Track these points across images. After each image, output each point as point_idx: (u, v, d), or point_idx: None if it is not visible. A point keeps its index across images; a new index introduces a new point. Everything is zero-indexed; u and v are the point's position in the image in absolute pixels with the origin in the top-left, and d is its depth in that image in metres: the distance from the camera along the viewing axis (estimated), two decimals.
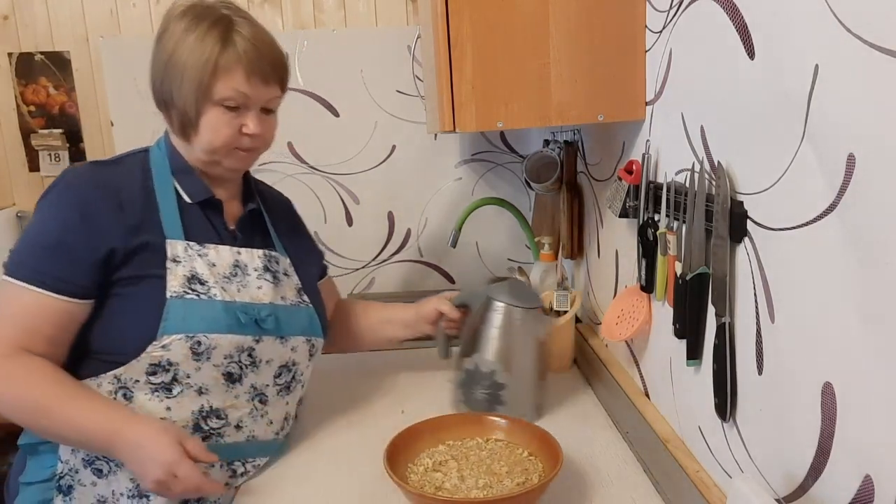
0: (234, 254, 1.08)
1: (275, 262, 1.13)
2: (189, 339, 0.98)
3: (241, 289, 1.05)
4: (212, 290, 1.01)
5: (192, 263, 1.02)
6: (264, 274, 1.09)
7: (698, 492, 0.89)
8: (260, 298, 1.07)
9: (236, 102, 1.02)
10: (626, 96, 1.13)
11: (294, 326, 1.11)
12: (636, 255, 1.13)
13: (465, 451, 1.07)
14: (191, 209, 1.07)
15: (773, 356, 0.74)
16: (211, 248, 1.05)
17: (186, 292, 0.99)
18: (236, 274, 1.06)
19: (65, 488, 1.01)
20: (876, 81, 0.54)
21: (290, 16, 2.05)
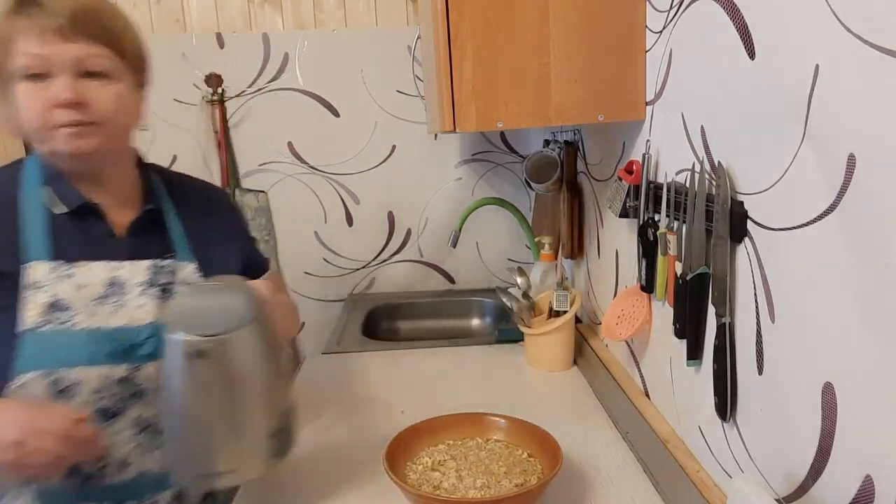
0: (111, 269, 0.95)
1: (167, 273, 0.99)
2: (47, 376, 0.87)
3: (118, 309, 0.93)
4: (75, 317, 0.90)
5: (55, 288, 0.90)
6: (149, 289, 0.96)
7: (698, 492, 0.89)
8: (141, 318, 0.94)
9: (35, 69, 0.87)
10: (627, 96, 1.13)
11: None
12: (636, 255, 1.13)
13: (465, 451, 1.07)
14: (63, 221, 0.94)
15: (774, 356, 0.74)
16: (81, 267, 0.93)
17: (45, 322, 0.88)
18: (110, 294, 0.93)
19: None
20: (876, 81, 0.54)
21: (290, 16, 2.05)
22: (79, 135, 0.89)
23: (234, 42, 2.01)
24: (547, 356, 1.49)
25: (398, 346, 1.72)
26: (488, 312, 2.05)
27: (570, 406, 1.32)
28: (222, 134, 2.03)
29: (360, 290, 2.18)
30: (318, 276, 2.16)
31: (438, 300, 2.10)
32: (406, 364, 1.57)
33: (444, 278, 2.20)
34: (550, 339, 1.47)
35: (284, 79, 2.04)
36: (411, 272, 2.19)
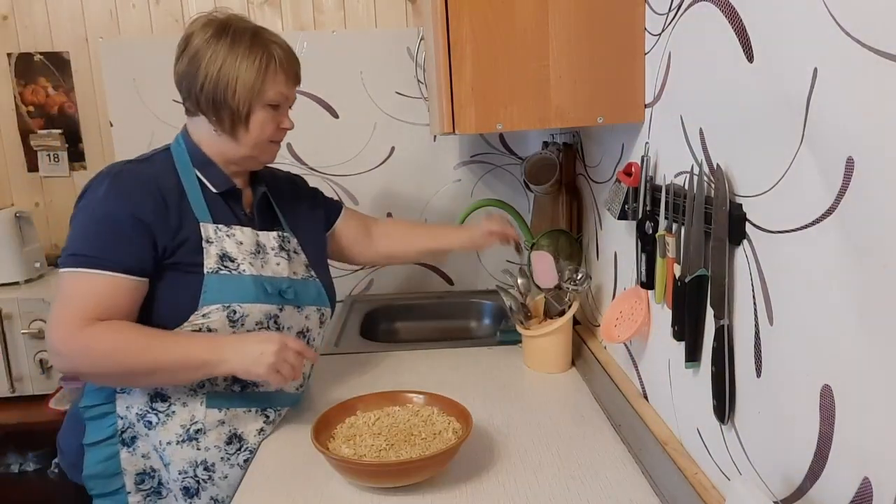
0: (255, 235, 1.20)
1: (287, 242, 1.26)
2: (226, 309, 1.12)
3: (264, 265, 1.19)
4: (241, 265, 1.15)
5: (222, 244, 1.15)
6: (280, 252, 1.23)
7: (696, 494, 0.89)
8: (279, 273, 1.20)
9: (279, 102, 1.18)
10: (626, 99, 1.13)
11: (307, 297, 1.25)
12: (635, 256, 1.13)
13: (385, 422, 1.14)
14: (214, 198, 1.19)
15: (772, 359, 0.74)
16: (237, 229, 1.18)
17: (220, 269, 1.13)
18: (258, 252, 1.19)
19: (128, 440, 1.15)
20: (875, 85, 0.55)
21: (289, 17, 2.05)
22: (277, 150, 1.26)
23: None
24: (545, 358, 1.49)
25: (396, 347, 1.72)
26: (487, 314, 2.05)
27: (568, 408, 1.32)
28: None
29: (359, 292, 2.18)
30: None
31: (437, 302, 2.10)
32: (404, 365, 1.56)
33: (442, 280, 2.20)
34: (549, 340, 1.47)
35: None
36: (410, 274, 2.19)
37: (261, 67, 1.14)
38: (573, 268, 1.49)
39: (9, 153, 2.14)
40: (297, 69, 1.22)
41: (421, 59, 2.04)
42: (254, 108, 1.16)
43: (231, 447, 1.18)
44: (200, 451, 1.15)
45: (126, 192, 1.10)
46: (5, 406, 1.83)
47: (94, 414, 1.15)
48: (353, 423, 1.15)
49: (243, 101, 1.14)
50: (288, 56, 1.19)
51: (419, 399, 1.21)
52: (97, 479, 1.15)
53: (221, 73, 1.13)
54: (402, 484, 1.03)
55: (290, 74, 1.19)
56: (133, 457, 1.15)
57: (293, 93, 1.22)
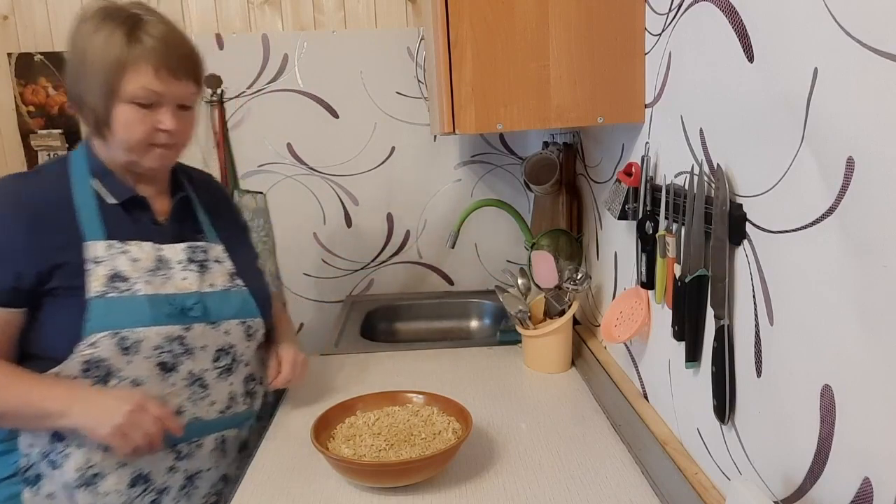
0: (156, 249, 1.10)
1: (201, 252, 1.15)
2: (114, 336, 1.02)
3: (166, 281, 1.08)
4: (135, 285, 1.05)
5: (113, 262, 1.05)
6: (189, 265, 1.12)
7: (697, 494, 0.89)
8: (186, 288, 1.10)
9: (148, 100, 1.03)
10: (626, 99, 1.13)
11: (225, 310, 1.14)
12: (635, 255, 1.13)
13: (385, 422, 1.14)
14: (114, 209, 1.09)
15: (772, 359, 0.74)
16: (133, 245, 1.08)
17: (108, 291, 1.03)
18: (160, 268, 1.09)
19: (32, 479, 1.06)
20: (875, 84, 0.55)
21: (289, 17, 2.05)
22: (166, 155, 1.10)
23: (234, 43, 2.01)
24: (545, 358, 1.49)
25: (397, 347, 1.72)
26: (487, 314, 2.05)
27: (568, 408, 1.32)
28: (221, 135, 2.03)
29: (359, 292, 2.18)
30: (317, 277, 2.16)
31: (437, 302, 2.09)
32: (404, 365, 1.56)
33: (442, 280, 2.20)
34: (548, 340, 1.47)
35: (284, 80, 2.04)
36: (410, 274, 2.18)
37: (118, 57, 1.00)
38: (573, 268, 1.49)
39: (9, 153, 2.14)
40: (177, 62, 1.03)
41: (421, 59, 2.04)
42: (112, 105, 1.02)
43: (135, 490, 1.07)
44: (99, 496, 1.04)
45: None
46: None
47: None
48: (352, 423, 1.15)
49: (98, 97, 1.02)
50: (165, 46, 1.02)
51: (419, 399, 1.20)
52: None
53: (79, 65, 1.03)
54: (402, 484, 1.03)
55: (163, 68, 1.02)
56: (36, 497, 1.06)
57: (175, 91, 1.04)
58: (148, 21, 1.03)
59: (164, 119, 1.05)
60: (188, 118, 1.10)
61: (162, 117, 1.05)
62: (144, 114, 1.04)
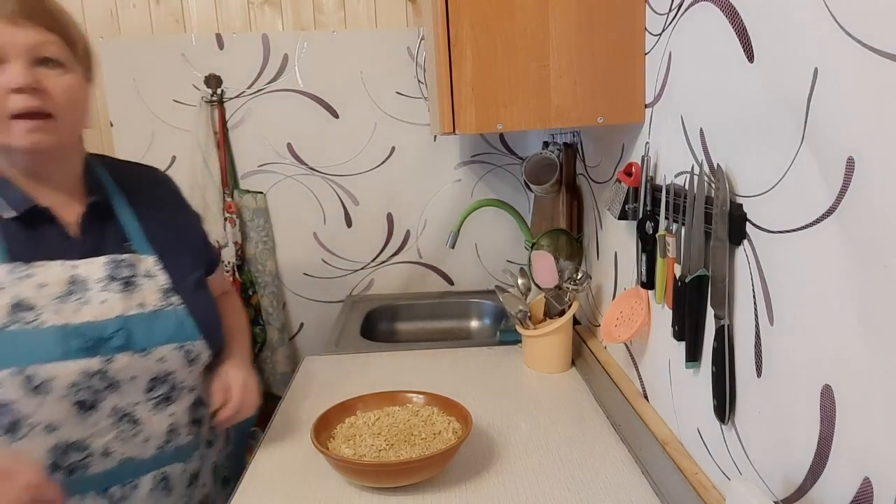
0: (69, 269, 0.95)
1: (126, 267, 0.99)
2: (19, 374, 0.88)
3: (82, 307, 0.94)
4: (41, 315, 0.91)
5: (16, 289, 0.90)
6: (109, 285, 0.97)
7: (697, 494, 0.89)
8: (105, 314, 0.95)
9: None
10: (626, 99, 1.13)
11: (156, 335, 0.98)
12: (635, 255, 1.13)
13: (385, 422, 1.14)
14: (15, 225, 0.94)
15: (773, 359, 0.74)
16: (39, 267, 0.93)
17: (11, 323, 0.89)
18: (73, 292, 0.94)
19: None
20: (875, 85, 0.55)
21: (289, 17, 2.05)
22: (37, 128, 0.89)
23: (234, 43, 2.01)
24: (545, 358, 1.49)
25: (397, 347, 1.72)
26: (487, 314, 2.05)
27: (568, 408, 1.32)
28: (221, 135, 2.03)
29: (359, 292, 2.18)
30: (317, 277, 2.16)
31: (437, 302, 2.10)
32: (405, 365, 1.56)
33: (442, 280, 2.20)
34: (549, 340, 1.48)
35: (284, 80, 2.04)
36: (410, 273, 2.19)
37: None
38: (573, 268, 1.49)
39: None
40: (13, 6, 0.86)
41: (421, 59, 2.04)
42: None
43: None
44: None
45: None
46: None
47: None
48: (353, 423, 1.15)
49: None
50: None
51: (419, 399, 1.21)
52: None
53: None
54: (402, 484, 1.03)
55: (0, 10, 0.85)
56: None
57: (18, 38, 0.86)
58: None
59: (10, 77, 0.86)
60: (58, 79, 0.90)
61: (9, 76, 0.86)
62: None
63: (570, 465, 1.09)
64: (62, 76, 0.91)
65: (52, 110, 0.90)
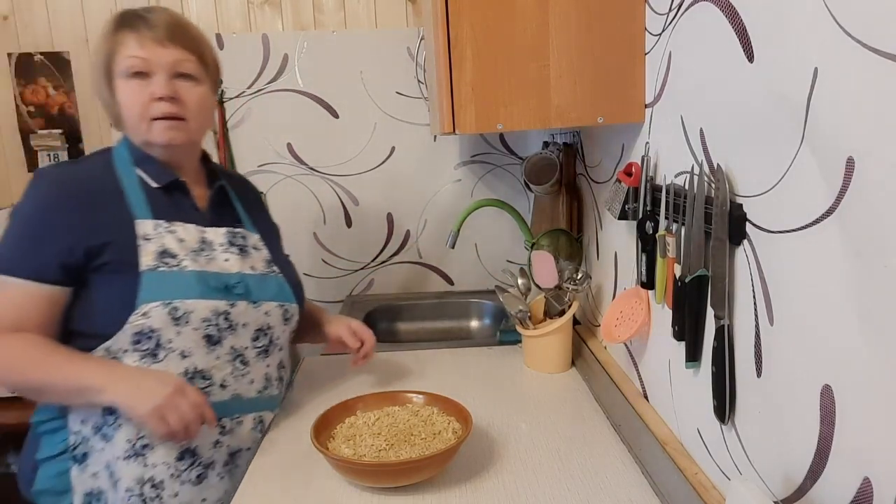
0: (200, 231, 1.15)
1: (240, 238, 1.21)
2: (166, 306, 1.05)
3: (209, 261, 1.13)
4: (183, 261, 1.09)
5: (161, 240, 1.09)
6: (230, 248, 1.17)
7: (697, 494, 0.89)
8: (228, 269, 1.15)
9: (136, 68, 1.07)
10: (626, 99, 1.13)
11: (265, 292, 1.18)
12: (635, 255, 1.13)
13: (385, 422, 1.15)
14: (158, 193, 1.14)
15: (772, 359, 0.74)
16: (178, 226, 1.13)
17: (159, 265, 1.07)
18: (203, 248, 1.14)
19: (80, 457, 1.10)
20: (875, 85, 0.55)
21: (289, 17, 2.05)
22: (172, 127, 1.10)
23: (234, 43, 2.01)
24: (545, 358, 1.49)
25: (397, 347, 1.72)
26: (487, 314, 2.05)
27: (568, 408, 1.32)
28: (221, 135, 2.03)
29: (359, 292, 2.18)
30: (317, 277, 2.16)
31: (437, 302, 2.10)
32: (405, 365, 1.56)
33: (442, 280, 2.20)
34: (548, 340, 1.47)
35: (284, 80, 2.04)
36: (410, 274, 2.19)
37: (107, 40, 1.08)
38: (573, 268, 1.49)
39: (9, 153, 2.14)
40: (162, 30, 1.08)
41: (421, 59, 2.04)
42: (112, 85, 1.09)
43: (182, 463, 1.10)
44: (147, 468, 1.08)
45: (44, 195, 1.07)
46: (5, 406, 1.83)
47: (46, 429, 1.11)
48: (353, 423, 1.15)
49: (102, 83, 1.10)
50: (150, 20, 1.09)
51: (419, 399, 1.21)
52: (47, 496, 1.11)
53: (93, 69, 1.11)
54: (402, 484, 1.03)
55: (147, 37, 1.07)
56: (83, 475, 1.09)
57: (163, 56, 1.08)
58: (141, 12, 1.11)
59: (155, 88, 1.08)
60: (192, 90, 1.12)
61: (154, 87, 1.08)
62: (139, 85, 1.08)
63: (570, 465, 1.09)
64: (194, 87, 1.12)
65: (185, 115, 1.11)
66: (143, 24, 1.08)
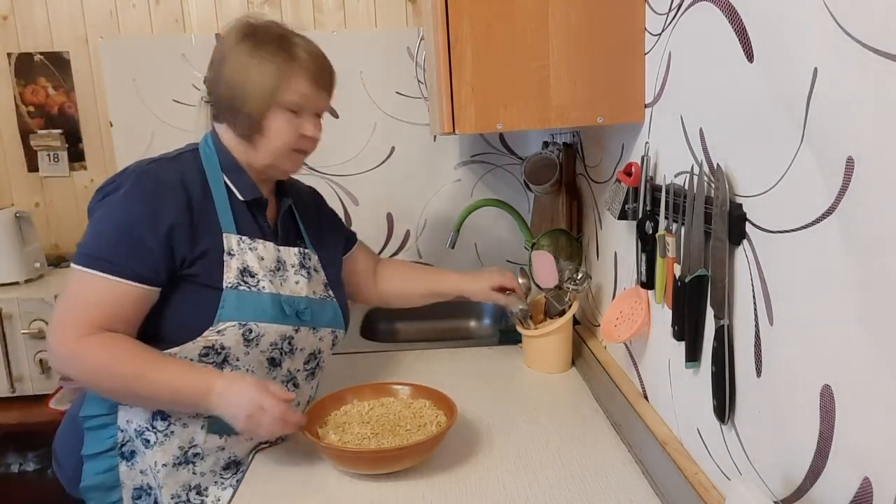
0: (276, 250, 1.16)
1: (307, 259, 1.22)
2: (242, 327, 1.07)
3: (283, 283, 1.15)
4: (261, 282, 1.10)
5: (244, 257, 1.10)
6: (300, 270, 1.19)
7: (697, 494, 0.89)
8: (298, 292, 1.16)
9: (299, 106, 1.11)
10: (626, 98, 1.13)
11: (323, 318, 1.20)
12: (635, 255, 1.13)
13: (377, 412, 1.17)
14: (241, 206, 1.14)
15: (772, 358, 0.74)
16: (259, 243, 1.13)
17: (240, 284, 1.08)
18: (279, 269, 1.15)
19: (127, 454, 1.11)
20: (875, 85, 0.55)
21: (289, 17, 2.05)
22: (303, 160, 1.18)
23: None
24: (545, 358, 1.49)
25: (397, 347, 1.72)
26: (487, 314, 2.05)
27: (568, 408, 1.32)
28: None
29: None
30: None
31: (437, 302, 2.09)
32: (404, 365, 1.56)
33: None
34: (549, 340, 1.47)
35: None
36: None
37: (278, 69, 1.08)
38: (573, 268, 1.49)
39: (9, 153, 2.14)
40: (327, 75, 1.15)
41: (421, 59, 2.04)
42: (269, 111, 1.09)
43: (227, 472, 1.15)
44: (195, 476, 1.12)
45: (149, 194, 1.04)
46: (5, 406, 1.83)
47: (94, 424, 1.11)
48: (347, 410, 1.19)
49: (258, 104, 1.08)
50: (315, 60, 1.12)
51: (405, 391, 1.24)
52: (96, 491, 1.12)
53: (238, 77, 1.09)
54: (380, 472, 1.07)
55: (314, 78, 1.12)
56: (132, 471, 1.11)
57: (320, 100, 1.15)
58: (295, 38, 1.13)
59: (307, 126, 1.13)
60: (321, 127, 1.18)
61: (306, 124, 1.13)
62: (293, 121, 1.11)
63: (570, 465, 1.09)
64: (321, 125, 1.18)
65: (311, 149, 1.18)
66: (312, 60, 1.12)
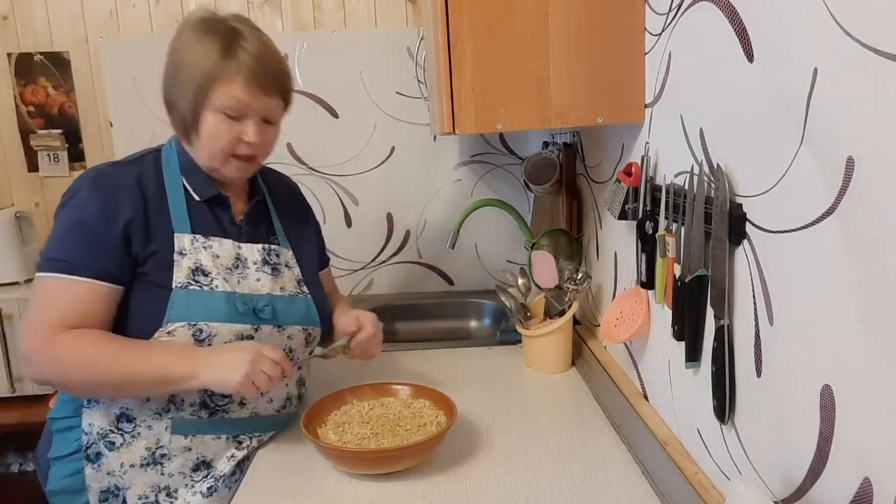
0: (236, 248, 1.14)
1: (274, 255, 1.19)
2: (191, 327, 1.05)
3: (241, 280, 1.12)
4: (214, 280, 1.09)
5: (197, 255, 1.09)
6: (263, 267, 1.16)
7: (697, 494, 0.89)
8: (258, 290, 1.14)
9: (236, 111, 1.06)
10: (626, 99, 1.13)
11: (291, 316, 1.17)
12: (635, 255, 1.13)
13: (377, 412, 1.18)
14: (198, 205, 1.13)
15: (772, 358, 0.74)
16: (215, 241, 1.12)
17: (190, 283, 1.07)
18: (237, 266, 1.13)
19: (93, 456, 1.10)
20: (875, 85, 0.55)
21: (289, 17, 2.05)
22: (245, 167, 1.13)
23: None
24: (545, 358, 1.49)
25: (397, 347, 1.72)
26: (487, 314, 2.05)
27: (568, 408, 1.32)
28: None
29: (359, 292, 2.18)
30: None
31: (437, 302, 2.09)
32: (404, 365, 1.56)
33: (442, 280, 2.20)
34: (548, 340, 1.47)
35: None
36: (410, 273, 2.18)
37: (211, 68, 1.03)
38: (573, 268, 1.49)
39: (9, 153, 2.14)
40: (269, 78, 1.06)
41: (421, 59, 2.04)
42: (201, 112, 1.05)
43: (197, 474, 1.12)
44: (164, 477, 1.10)
45: (106, 195, 1.05)
46: (5, 406, 1.83)
47: (60, 427, 1.11)
48: (347, 410, 1.19)
49: (189, 103, 1.05)
50: (258, 62, 1.05)
51: (405, 391, 1.24)
52: (61, 496, 1.11)
53: (175, 70, 1.06)
54: (379, 471, 1.07)
55: (252, 81, 1.04)
56: (98, 473, 1.10)
57: (263, 105, 1.07)
58: (245, 36, 1.06)
59: (248, 131, 1.08)
60: (271, 132, 1.13)
61: (247, 129, 1.08)
62: (230, 124, 1.07)
63: (570, 465, 1.09)
64: (272, 129, 1.13)
65: (259, 155, 1.13)
66: (254, 62, 1.05)
